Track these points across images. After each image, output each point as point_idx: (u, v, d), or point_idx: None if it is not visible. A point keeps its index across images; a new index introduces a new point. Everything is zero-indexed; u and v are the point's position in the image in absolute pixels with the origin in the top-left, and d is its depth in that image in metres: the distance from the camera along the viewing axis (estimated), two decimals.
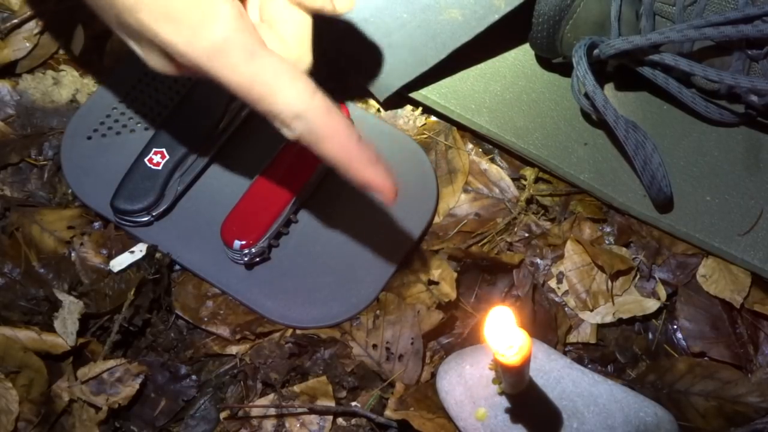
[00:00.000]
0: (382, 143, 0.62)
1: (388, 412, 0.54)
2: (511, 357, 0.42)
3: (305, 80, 0.43)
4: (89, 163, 0.61)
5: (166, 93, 0.64)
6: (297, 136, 0.43)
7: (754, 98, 0.58)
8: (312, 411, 0.55)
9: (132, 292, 0.57)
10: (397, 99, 0.64)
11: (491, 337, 0.42)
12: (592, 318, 0.58)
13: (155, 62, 0.45)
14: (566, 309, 0.59)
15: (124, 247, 0.59)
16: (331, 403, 0.56)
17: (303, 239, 0.59)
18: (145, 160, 0.59)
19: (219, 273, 0.59)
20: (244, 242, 0.56)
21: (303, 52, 0.48)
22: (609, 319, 0.58)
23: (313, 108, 0.43)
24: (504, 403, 0.52)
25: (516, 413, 0.52)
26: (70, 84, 0.66)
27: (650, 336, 0.59)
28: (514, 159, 0.63)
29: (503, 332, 0.42)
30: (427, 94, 0.63)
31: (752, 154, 0.60)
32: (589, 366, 0.58)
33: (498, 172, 0.63)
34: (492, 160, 0.64)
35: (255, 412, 0.56)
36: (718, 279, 0.58)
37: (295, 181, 0.58)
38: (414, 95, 0.64)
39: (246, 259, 0.57)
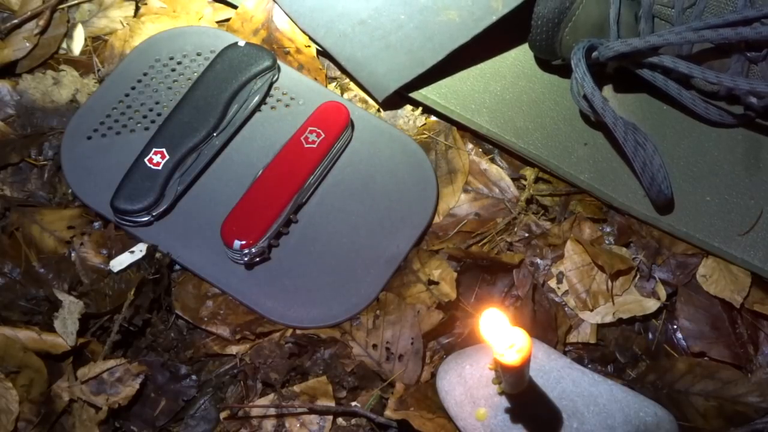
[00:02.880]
0: (382, 143, 0.63)
1: (388, 412, 0.54)
2: (511, 357, 0.42)
3: None
4: (89, 163, 0.61)
5: (166, 93, 0.64)
6: None
7: (753, 100, 0.58)
8: (312, 411, 0.55)
9: (132, 292, 0.57)
10: (397, 99, 0.64)
11: (489, 337, 0.42)
12: (592, 318, 0.58)
13: None
14: (566, 309, 0.59)
15: (124, 247, 0.59)
16: (331, 403, 0.56)
17: (303, 239, 0.59)
18: (145, 160, 0.59)
19: (219, 273, 0.59)
20: (244, 242, 0.56)
21: None
22: (609, 319, 0.58)
23: None
24: (504, 403, 0.52)
25: (516, 413, 0.52)
26: (70, 84, 0.66)
27: (650, 336, 0.59)
28: (514, 159, 0.64)
29: (501, 332, 0.42)
30: (427, 94, 0.63)
31: (752, 154, 0.60)
32: (589, 366, 0.58)
33: (498, 172, 0.63)
34: (492, 160, 0.64)
35: (255, 412, 0.56)
36: (718, 279, 0.59)
37: (294, 181, 0.58)
38: (414, 95, 0.64)
39: (246, 259, 0.57)
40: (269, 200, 0.58)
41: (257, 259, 0.58)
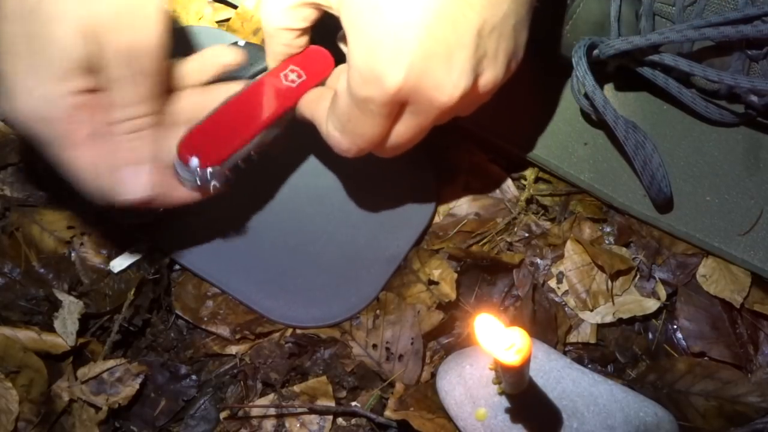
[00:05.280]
0: None
1: (388, 412, 0.54)
2: (511, 357, 0.42)
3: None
4: None
5: None
6: None
7: (753, 98, 0.58)
8: (312, 411, 0.56)
9: (132, 292, 0.57)
10: None
11: (486, 342, 0.42)
12: (592, 318, 0.58)
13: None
14: (566, 309, 0.59)
15: (124, 247, 0.59)
16: (331, 403, 0.56)
17: (303, 239, 0.59)
18: None
19: (219, 273, 0.59)
20: (201, 162, 0.51)
21: None
22: (609, 319, 0.58)
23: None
24: (504, 403, 0.52)
25: (516, 413, 0.52)
26: None
27: (650, 336, 0.59)
28: (514, 159, 0.63)
29: (497, 334, 0.42)
30: None
31: (752, 154, 0.60)
32: (589, 366, 0.58)
33: (498, 171, 0.63)
34: (492, 160, 0.64)
35: (255, 412, 0.56)
36: (718, 279, 0.59)
37: (266, 114, 0.53)
38: None
39: (198, 182, 0.51)
40: (236, 127, 0.53)
41: (211, 183, 0.52)
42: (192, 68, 0.53)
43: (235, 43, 0.64)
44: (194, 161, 0.50)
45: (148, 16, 0.46)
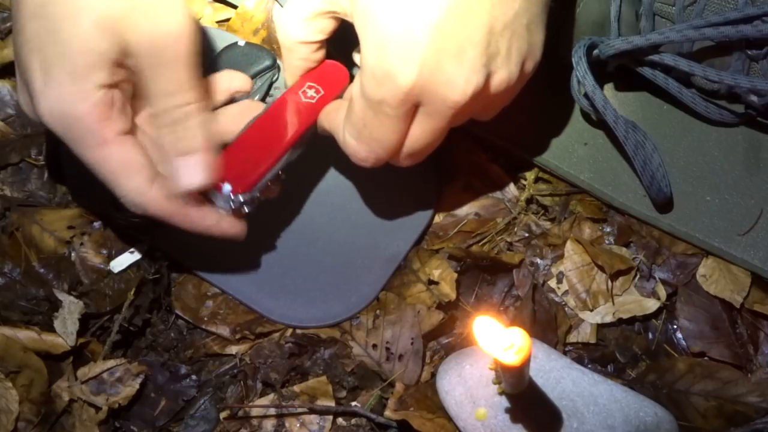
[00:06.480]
0: None
1: (388, 412, 0.54)
2: (511, 357, 0.42)
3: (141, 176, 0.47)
4: None
5: None
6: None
7: (754, 98, 0.58)
8: (312, 411, 0.56)
9: (132, 292, 0.57)
10: None
11: (485, 343, 0.42)
12: (592, 318, 0.58)
13: None
14: (566, 309, 0.59)
15: (124, 247, 0.59)
16: (331, 403, 0.56)
17: (303, 239, 0.59)
18: None
19: (219, 273, 0.59)
20: (233, 188, 0.52)
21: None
22: (609, 319, 0.58)
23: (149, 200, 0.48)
24: (504, 403, 0.52)
25: (516, 413, 0.52)
26: None
27: (650, 336, 0.59)
28: (514, 159, 0.63)
29: (497, 335, 0.41)
30: None
31: (752, 154, 0.60)
32: (589, 366, 0.58)
33: (498, 171, 0.63)
34: (492, 160, 0.64)
35: (255, 412, 0.56)
36: (718, 279, 0.59)
37: (291, 133, 0.54)
38: None
39: (232, 206, 0.52)
40: (263, 149, 0.53)
41: (244, 209, 0.53)
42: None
43: (235, 43, 0.64)
44: (227, 188, 0.51)
45: (168, 2, 0.45)
